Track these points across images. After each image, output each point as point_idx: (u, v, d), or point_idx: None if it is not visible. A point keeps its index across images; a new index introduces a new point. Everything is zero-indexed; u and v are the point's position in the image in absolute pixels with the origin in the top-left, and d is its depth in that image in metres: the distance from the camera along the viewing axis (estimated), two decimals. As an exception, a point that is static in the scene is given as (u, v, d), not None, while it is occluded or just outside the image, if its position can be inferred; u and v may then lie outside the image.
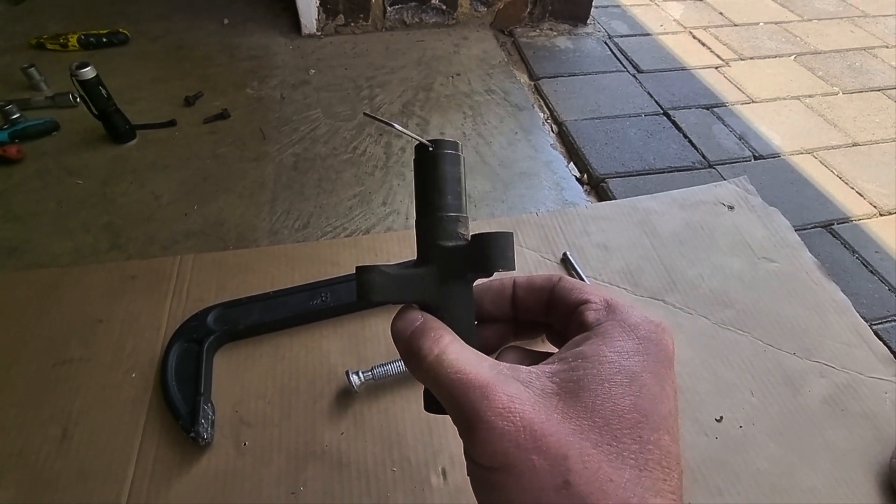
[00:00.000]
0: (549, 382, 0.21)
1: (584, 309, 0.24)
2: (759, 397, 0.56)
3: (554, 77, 1.07)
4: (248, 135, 0.86)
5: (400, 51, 1.11)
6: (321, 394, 0.53)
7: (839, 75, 1.15)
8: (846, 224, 0.79)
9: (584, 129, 0.93)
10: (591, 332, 0.23)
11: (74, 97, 0.89)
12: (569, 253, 0.67)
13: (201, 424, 0.48)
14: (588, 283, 0.28)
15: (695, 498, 0.48)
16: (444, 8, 1.19)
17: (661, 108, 1.00)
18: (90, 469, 0.48)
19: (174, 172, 0.78)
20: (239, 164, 0.80)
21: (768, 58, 1.21)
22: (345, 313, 0.60)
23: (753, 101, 1.05)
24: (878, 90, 1.11)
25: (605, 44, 1.20)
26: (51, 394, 0.52)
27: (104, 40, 1.06)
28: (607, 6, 1.35)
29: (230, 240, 0.69)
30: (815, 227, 0.78)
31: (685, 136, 0.93)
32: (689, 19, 1.33)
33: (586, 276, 0.64)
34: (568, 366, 0.21)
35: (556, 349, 0.24)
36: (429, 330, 0.23)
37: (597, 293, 0.25)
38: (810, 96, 1.08)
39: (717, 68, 1.15)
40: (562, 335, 0.26)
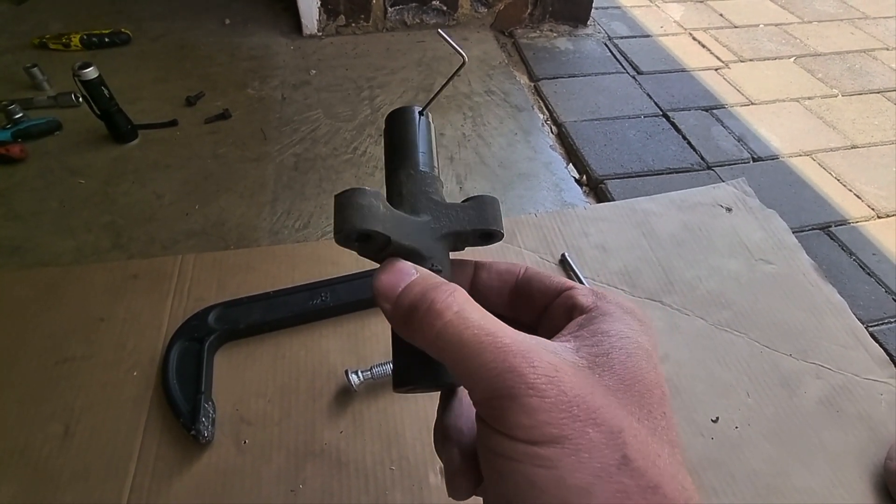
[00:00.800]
0: (576, 356, 0.19)
1: (573, 294, 0.23)
2: (756, 398, 0.56)
3: (554, 78, 1.07)
4: (249, 135, 0.86)
5: (400, 51, 1.12)
6: (321, 393, 0.54)
7: (839, 77, 1.16)
8: (844, 226, 0.79)
9: (584, 131, 0.93)
10: (594, 313, 0.22)
11: (77, 97, 0.89)
12: (567, 254, 0.67)
13: (202, 422, 0.48)
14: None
15: (690, 498, 0.48)
16: (445, 9, 1.19)
17: (661, 110, 1.00)
18: (92, 466, 0.48)
19: (175, 172, 0.79)
20: (240, 165, 0.81)
21: (768, 60, 1.21)
22: (344, 313, 0.60)
23: (753, 103, 1.05)
24: (878, 92, 1.11)
25: (605, 45, 1.21)
26: (53, 391, 0.53)
27: (106, 40, 1.07)
28: (607, 7, 1.36)
29: (231, 239, 0.69)
30: (813, 228, 0.79)
31: (684, 138, 0.94)
32: (690, 21, 1.34)
33: (584, 278, 0.64)
34: (591, 341, 0.20)
35: None
36: (440, 283, 0.19)
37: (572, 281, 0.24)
38: (809, 98, 1.09)
39: (716, 70, 1.15)
40: (530, 325, 0.24)
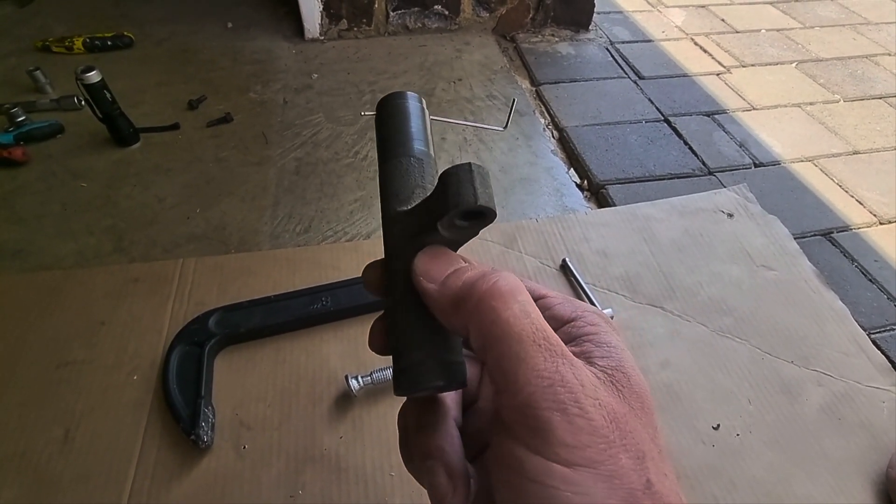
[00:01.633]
0: (599, 371, 0.19)
1: (550, 302, 0.22)
2: (757, 405, 0.56)
3: (555, 83, 1.08)
4: (251, 139, 0.87)
5: (402, 55, 1.12)
6: (321, 398, 0.54)
7: (840, 83, 1.16)
8: (846, 232, 0.79)
9: (585, 136, 0.93)
10: (581, 323, 0.21)
11: (79, 100, 0.90)
12: (568, 259, 0.67)
13: (202, 427, 0.48)
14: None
15: (691, 505, 0.48)
16: (447, 13, 1.19)
17: (662, 115, 1.01)
18: (92, 470, 0.48)
19: (177, 176, 0.79)
20: (241, 168, 0.81)
21: (770, 65, 1.21)
22: (345, 318, 0.60)
23: (754, 108, 1.05)
24: (880, 98, 1.11)
25: (607, 50, 1.21)
26: (53, 395, 0.53)
27: (109, 43, 1.07)
28: (609, 12, 1.36)
29: (232, 243, 0.69)
30: (815, 235, 0.79)
31: (686, 143, 0.94)
32: (691, 26, 1.34)
33: (585, 283, 0.64)
34: (599, 353, 0.19)
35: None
36: (502, 271, 0.19)
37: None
38: (811, 104, 1.09)
39: (718, 75, 1.15)
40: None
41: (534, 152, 0.89)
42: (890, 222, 0.81)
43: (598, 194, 0.83)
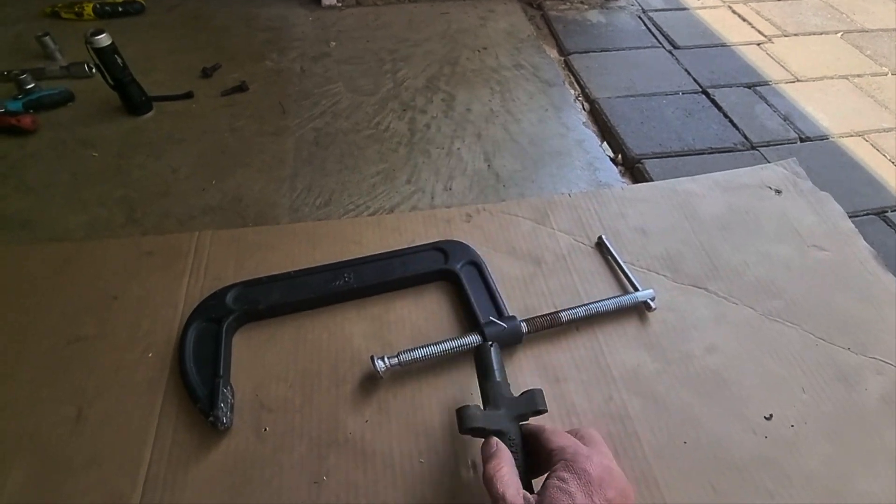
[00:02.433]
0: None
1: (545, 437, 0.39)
2: (811, 394, 0.52)
3: (585, 52, 1.02)
4: (267, 108, 0.83)
5: (424, 23, 1.06)
6: (344, 379, 0.51)
7: (888, 55, 1.08)
8: (901, 212, 0.74)
9: (618, 107, 0.88)
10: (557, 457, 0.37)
11: (90, 67, 0.86)
12: (604, 237, 0.63)
13: (220, 408, 0.45)
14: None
15: (742, 499, 0.45)
16: (470, -21, 1.13)
17: (700, 86, 0.95)
18: (105, 452, 0.46)
19: (191, 146, 0.75)
20: (258, 139, 0.77)
21: (813, 34, 1.14)
22: (369, 295, 0.57)
23: (798, 80, 0.99)
24: (932, 70, 1.04)
25: (640, 18, 1.14)
26: (64, 372, 0.50)
27: (119, 9, 1.03)
28: (640, -21, 1.28)
29: (249, 216, 0.66)
30: (868, 213, 0.73)
31: (726, 116, 0.88)
32: (728, -7, 1.26)
33: (623, 262, 0.60)
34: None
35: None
36: (500, 453, 0.38)
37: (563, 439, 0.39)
38: (859, 76, 1.02)
39: (759, 45, 1.08)
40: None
41: (564, 124, 0.84)
42: (949, 201, 0.75)
43: (633, 169, 0.78)
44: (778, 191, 0.71)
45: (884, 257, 0.63)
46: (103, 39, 0.73)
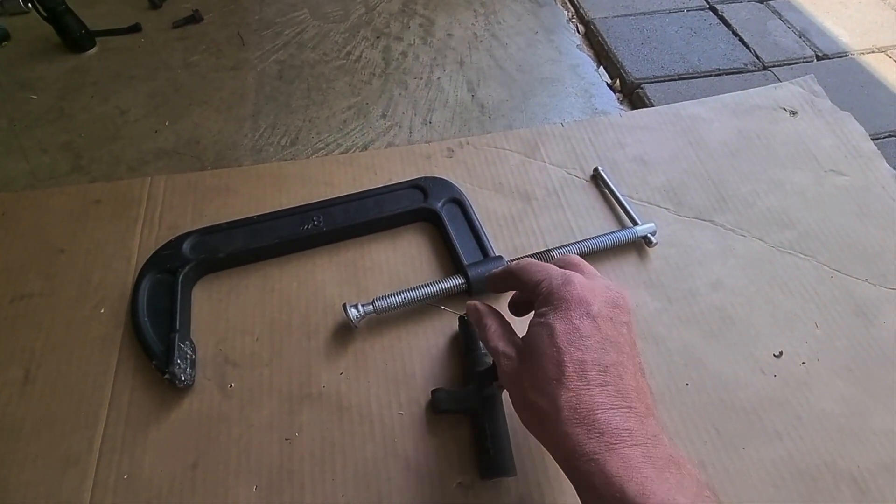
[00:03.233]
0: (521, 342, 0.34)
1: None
2: (825, 329, 0.48)
3: (580, -32, 0.91)
4: (225, 40, 0.74)
5: (399, -59, 0.95)
6: (316, 330, 0.47)
7: (915, -38, 0.98)
8: (925, 132, 0.67)
9: (616, 28, 0.80)
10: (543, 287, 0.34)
11: (25, 1, 0.77)
12: (601, 168, 0.57)
13: (177, 365, 0.41)
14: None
15: (750, 442, 0.41)
16: None
17: (707, 2, 0.86)
18: (58, 414, 0.42)
19: (141, 84, 0.68)
20: (215, 74, 0.69)
21: (833, -59, 1.02)
22: (341, 239, 0.52)
23: (815, -8, 0.89)
24: (964, -23, 0.94)
25: (640, -71, 1.02)
26: (9, 332, 0.46)
27: (58, -64, 0.92)
28: None
29: (207, 159, 0.60)
30: (890, 135, 0.67)
31: (735, 34, 0.80)
32: None
33: (622, 195, 0.54)
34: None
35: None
36: (482, 314, 0.38)
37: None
38: (882, -14, 0.92)
39: (772, -46, 0.98)
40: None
41: (556, 48, 0.76)
42: (978, 120, 0.69)
43: (632, 94, 0.71)
44: (793, 112, 0.64)
45: (906, 181, 0.58)
46: (32, -38, 0.64)
